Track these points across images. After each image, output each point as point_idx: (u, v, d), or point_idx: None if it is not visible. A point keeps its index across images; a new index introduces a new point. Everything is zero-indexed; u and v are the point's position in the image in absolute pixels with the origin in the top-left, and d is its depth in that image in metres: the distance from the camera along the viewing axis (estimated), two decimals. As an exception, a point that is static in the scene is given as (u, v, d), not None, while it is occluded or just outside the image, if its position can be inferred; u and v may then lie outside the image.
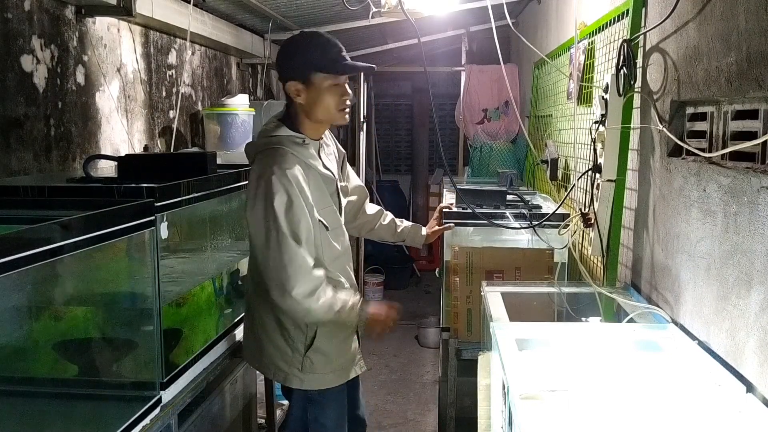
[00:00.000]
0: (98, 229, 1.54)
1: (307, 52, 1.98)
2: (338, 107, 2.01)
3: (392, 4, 3.38)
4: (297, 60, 2.00)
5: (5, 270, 1.25)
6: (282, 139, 2.00)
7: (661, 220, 1.93)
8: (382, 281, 6.37)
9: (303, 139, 2.02)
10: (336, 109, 2.01)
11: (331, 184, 2.08)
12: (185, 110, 3.58)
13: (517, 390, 1.34)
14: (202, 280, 2.38)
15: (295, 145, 1.99)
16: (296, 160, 1.96)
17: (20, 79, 2.25)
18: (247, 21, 4.11)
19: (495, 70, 5.35)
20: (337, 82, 1.99)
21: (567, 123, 3.04)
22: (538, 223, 2.53)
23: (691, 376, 1.46)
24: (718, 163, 1.58)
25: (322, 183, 2.03)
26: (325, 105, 2.00)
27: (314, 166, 2.01)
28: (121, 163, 2.13)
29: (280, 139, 2.00)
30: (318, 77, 1.97)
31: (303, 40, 2.03)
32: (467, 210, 2.63)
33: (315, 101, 1.99)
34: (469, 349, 2.61)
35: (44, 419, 1.67)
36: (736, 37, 1.46)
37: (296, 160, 1.96)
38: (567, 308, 2.26)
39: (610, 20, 2.38)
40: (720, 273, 1.53)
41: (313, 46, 1.98)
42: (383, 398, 4.21)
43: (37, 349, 1.69)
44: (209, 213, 2.39)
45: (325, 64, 1.96)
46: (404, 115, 7.87)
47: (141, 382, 1.90)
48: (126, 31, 2.95)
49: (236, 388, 2.59)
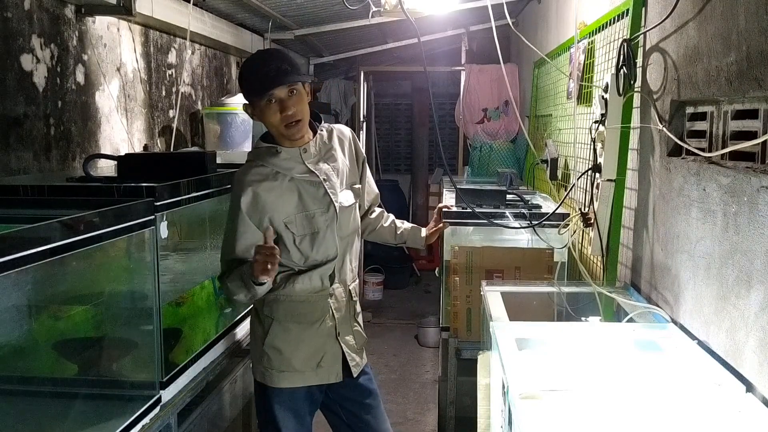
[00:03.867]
0: (98, 229, 1.55)
1: (242, 73, 2.04)
2: (281, 123, 1.99)
3: (392, 4, 3.38)
4: (241, 83, 2.06)
5: (5, 269, 1.25)
6: (258, 152, 2.07)
7: (660, 219, 1.93)
8: (382, 281, 6.37)
9: (276, 149, 2.04)
10: (279, 125, 1.99)
11: (317, 187, 2.05)
12: (185, 109, 3.58)
13: (516, 389, 1.34)
14: (202, 279, 2.38)
15: (269, 156, 2.04)
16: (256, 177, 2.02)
17: (20, 79, 2.25)
18: (247, 20, 4.11)
19: (495, 69, 5.35)
20: (267, 102, 1.97)
21: (567, 123, 3.04)
22: (537, 223, 2.53)
23: (691, 376, 1.46)
24: (718, 163, 1.58)
25: (301, 187, 2.04)
26: (268, 123, 2.02)
27: (289, 174, 2.03)
28: (121, 162, 2.13)
29: (257, 152, 2.08)
30: (252, 100, 2.02)
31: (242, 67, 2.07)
32: (467, 209, 2.63)
33: (264, 122, 2.04)
34: (468, 348, 2.61)
35: (44, 418, 1.67)
36: (736, 36, 1.46)
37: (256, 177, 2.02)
38: (567, 308, 2.26)
39: (610, 20, 2.38)
40: (720, 273, 1.53)
41: (242, 73, 2.03)
42: (383, 397, 4.17)
43: (37, 349, 1.69)
44: (209, 212, 2.39)
45: (250, 88, 1.99)
46: (404, 115, 7.87)
47: (141, 381, 1.90)
48: (126, 30, 2.94)
49: (236, 388, 2.58)
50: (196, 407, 2.17)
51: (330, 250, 2.08)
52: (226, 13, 3.79)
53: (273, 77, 1.94)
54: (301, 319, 2.08)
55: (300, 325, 2.07)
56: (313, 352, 2.09)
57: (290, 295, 2.06)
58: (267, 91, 1.94)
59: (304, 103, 2.01)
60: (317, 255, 2.06)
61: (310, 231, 2.05)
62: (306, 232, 2.04)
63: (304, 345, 2.08)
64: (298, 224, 2.03)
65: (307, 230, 2.04)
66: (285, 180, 2.02)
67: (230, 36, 3.92)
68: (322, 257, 2.07)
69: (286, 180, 2.02)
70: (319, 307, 2.09)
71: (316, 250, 2.06)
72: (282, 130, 1.99)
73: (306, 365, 2.08)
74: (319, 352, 2.09)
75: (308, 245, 2.05)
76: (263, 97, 1.95)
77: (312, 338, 2.08)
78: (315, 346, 2.09)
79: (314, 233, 2.05)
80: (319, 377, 2.10)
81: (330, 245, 2.08)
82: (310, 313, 2.08)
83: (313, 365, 2.09)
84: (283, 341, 2.06)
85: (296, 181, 2.03)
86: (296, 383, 2.08)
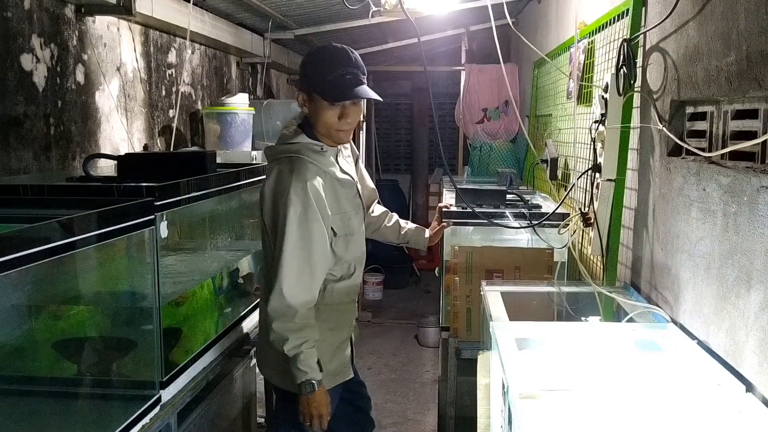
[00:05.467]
0: (98, 229, 1.54)
1: (315, 67, 1.96)
2: (335, 128, 1.98)
3: (392, 4, 3.38)
4: (307, 72, 1.99)
5: (5, 269, 1.25)
6: (300, 147, 1.98)
7: (660, 219, 1.93)
8: (382, 280, 6.37)
9: (321, 147, 2.00)
10: (333, 129, 1.98)
11: (351, 188, 2.08)
12: (185, 109, 3.58)
13: (516, 389, 1.34)
14: (202, 279, 2.38)
15: (314, 153, 1.98)
16: (315, 170, 1.95)
17: (20, 78, 2.25)
18: (247, 20, 4.11)
19: (495, 69, 5.35)
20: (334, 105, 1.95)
21: (567, 122, 3.04)
22: (537, 223, 2.53)
23: (691, 376, 1.46)
24: (718, 163, 1.58)
25: (339, 189, 2.02)
26: (322, 122, 1.98)
27: (332, 173, 2.01)
28: (121, 162, 2.13)
29: (298, 147, 1.98)
30: (316, 96, 1.97)
31: (318, 54, 2.00)
32: (467, 209, 2.63)
33: (315, 116, 1.99)
34: (468, 348, 2.61)
35: (44, 418, 1.67)
36: (736, 36, 1.46)
37: (315, 170, 1.95)
38: (567, 308, 2.26)
39: (610, 20, 2.38)
40: (720, 272, 1.53)
41: (320, 63, 1.96)
42: (383, 397, 4.21)
43: (37, 348, 1.69)
44: (209, 212, 2.39)
45: (323, 88, 1.94)
46: (404, 115, 7.87)
47: (141, 381, 1.90)
48: (126, 30, 2.94)
49: (236, 388, 2.58)
50: (196, 407, 2.17)
51: (358, 251, 2.12)
52: (226, 13, 3.79)
53: (351, 85, 1.92)
54: (334, 326, 2.11)
55: (333, 332, 2.11)
56: (342, 354, 2.15)
57: (329, 304, 2.07)
58: (343, 100, 1.93)
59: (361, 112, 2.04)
60: (348, 256, 2.07)
61: (345, 232, 2.05)
62: (342, 233, 2.03)
63: (339, 351, 2.14)
64: (337, 225, 2.02)
65: (343, 231, 2.04)
66: (327, 178, 1.99)
67: (230, 36, 3.92)
68: (350, 257, 2.09)
69: (328, 178, 1.99)
70: (349, 313, 2.18)
71: (348, 251, 2.07)
72: (333, 132, 1.98)
73: (338, 368, 2.14)
74: (346, 353, 2.17)
75: (343, 247, 2.05)
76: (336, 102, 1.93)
77: (342, 343, 2.15)
78: (342, 348, 2.16)
79: (348, 234, 2.05)
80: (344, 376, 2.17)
81: (360, 246, 2.13)
82: (343, 319, 2.15)
83: (342, 368, 2.16)
84: (319, 350, 2.02)
85: (336, 181, 2.02)
86: (330, 384, 2.10)
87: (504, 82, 4.39)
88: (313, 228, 1.91)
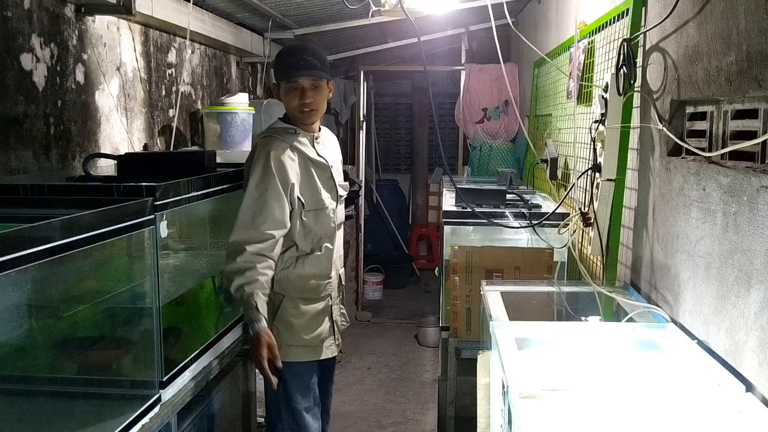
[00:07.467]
0: (98, 228, 1.54)
1: (277, 59, 2.31)
2: (296, 109, 2.26)
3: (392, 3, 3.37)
4: (274, 65, 2.34)
5: (4, 269, 1.25)
6: (277, 130, 2.30)
7: (660, 219, 1.93)
8: (382, 280, 6.37)
9: (294, 130, 2.29)
10: (295, 110, 2.26)
11: (325, 171, 2.32)
12: (185, 109, 3.58)
13: (516, 389, 1.34)
14: (202, 278, 2.38)
15: (287, 134, 2.27)
16: (284, 146, 2.22)
17: (20, 78, 2.25)
18: (247, 20, 4.11)
19: (495, 69, 5.34)
20: (291, 86, 2.24)
21: (567, 122, 3.04)
22: (537, 222, 2.53)
23: (691, 376, 1.46)
24: (718, 163, 1.58)
25: (312, 168, 2.28)
26: (287, 105, 2.29)
27: (304, 153, 2.26)
28: (121, 161, 2.13)
29: (275, 129, 2.31)
30: (279, 83, 2.29)
31: (282, 49, 2.36)
32: (467, 209, 2.63)
33: (283, 102, 2.31)
34: (468, 348, 2.61)
35: (44, 418, 1.67)
36: (736, 36, 1.46)
37: (284, 146, 2.22)
38: (566, 307, 2.26)
39: (610, 19, 2.38)
40: (719, 272, 1.53)
41: (281, 56, 2.30)
42: (383, 397, 4.22)
43: (37, 348, 1.69)
44: (209, 211, 2.39)
45: (281, 75, 2.27)
46: (404, 114, 7.86)
47: (140, 380, 1.90)
48: (126, 29, 2.94)
49: (236, 387, 2.59)
50: (196, 406, 2.17)
51: (328, 226, 2.31)
52: (226, 13, 3.79)
53: (301, 66, 2.22)
54: (308, 296, 2.28)
55: (307, 301, 2.28)
56: (317, 327, 2.30)
57: (301, 275, 2.26)
58: (292, 77, 2.23)
59: (323, 96, 2.28)
60: (318, 229, 2.28)
61: (316, 207, 2.27)
62: (312, 207, 2.26)
63: (312, 320, 2.28)
64: (308, 198, 2.25)
65: (313, 205, 2.27)
66: (300, 157, 2.25)
67: (230, 35, 3.92)
68: (321, 231, 2.29)
69: (301, 157, 2.25)
70: (323, 287, 2.31)
71: (318, 225, 2.28)
72: (297, 113, 2.26)
73: (314, 339, 2.28)
74: (323, 328, 2.31)
75: (312, 219, 2.27)
76: (288, 82, 2.24)
77: (317, 315, 2.30)
78: (318, 321, 2.30)
79: (318, 209, 2.28)
80: (324, 352, 2.32)
81: (329, 222, 2.31)
82: (316, 291, 2.30)
83: (318, 340, 2.30)
84: (293, 316, 2.25)
85: (309, 161, 2.27)
86: (307, 357, 2.28)
87: (504, 81, 4.38)
88: (268, 189, 2.15)
